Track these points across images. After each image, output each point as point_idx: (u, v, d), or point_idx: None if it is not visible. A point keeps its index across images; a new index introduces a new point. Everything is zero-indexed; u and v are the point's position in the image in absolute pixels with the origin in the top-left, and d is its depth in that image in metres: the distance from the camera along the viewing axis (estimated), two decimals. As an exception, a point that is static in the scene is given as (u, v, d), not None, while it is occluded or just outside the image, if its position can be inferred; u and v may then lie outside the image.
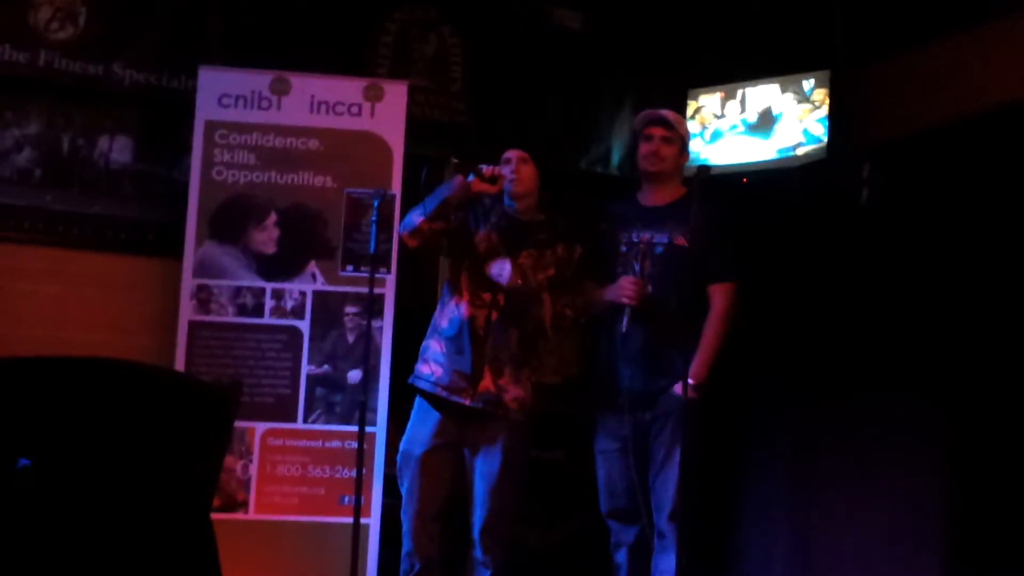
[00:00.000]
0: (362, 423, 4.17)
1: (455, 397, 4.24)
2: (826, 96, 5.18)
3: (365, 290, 4.35)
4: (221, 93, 4.85)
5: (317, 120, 4.89)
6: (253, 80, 4.88)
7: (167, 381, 3.26)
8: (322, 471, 4.70)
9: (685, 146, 4.55)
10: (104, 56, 4.98)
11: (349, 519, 4.22)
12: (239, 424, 4.57)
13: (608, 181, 5.86)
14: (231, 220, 4.79)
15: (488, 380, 4.24)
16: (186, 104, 4.89)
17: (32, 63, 4.86)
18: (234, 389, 3.24)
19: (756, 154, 5.41)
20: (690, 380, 4.18)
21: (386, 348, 4.75)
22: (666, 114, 4.51)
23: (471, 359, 4.25)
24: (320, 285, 4.80)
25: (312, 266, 4.81)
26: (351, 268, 4.77)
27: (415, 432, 4.34)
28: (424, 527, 4.31)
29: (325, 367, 4.76)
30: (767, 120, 5.39)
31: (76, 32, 4.95)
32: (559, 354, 4.54)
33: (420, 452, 4.28)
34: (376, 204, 4.19)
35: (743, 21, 5.68)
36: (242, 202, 4.81)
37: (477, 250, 4.35)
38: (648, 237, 4.42)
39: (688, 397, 4.17)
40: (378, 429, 4.70)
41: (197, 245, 4.74)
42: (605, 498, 4.49)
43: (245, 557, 4.41)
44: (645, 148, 4.49)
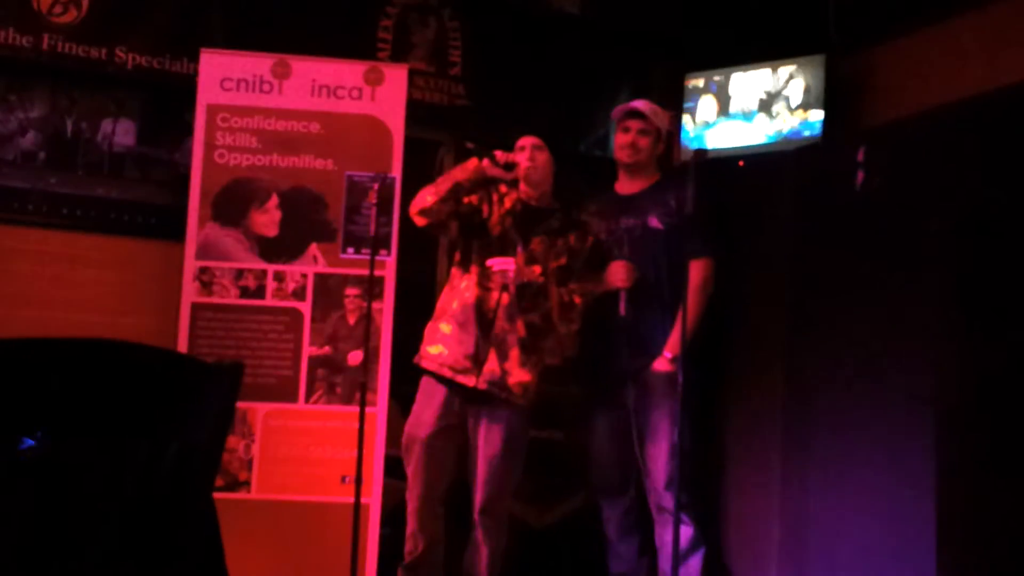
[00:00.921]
0: (363, 404, 4.21)
1: (460, 378, 4.29)
2: (822, 80, 5.20)
3: (366, 272, 4.38)
4: (223, 77, 4.86)
5: (318, 103, 4.91)
6: (255, 64, 4.90)
7: (170, 362, 3.29)
8: (323, 451, 4.74)
9: (661, 136, 4.69)
10: (107, 40, 5.01)
11: (350, 499, 4.25)
12: (241, 405, 4.61)
13: (606, 164, 5.87)
14: (233, 203, 4.82)
15: (494, 362, 4.28)
16: (188, 87, 4.92)
17: (36, 47, 4.89)
18: (236, 370, 3.27)
19: (752, 138, 5.44)
20: (666, 353, 4.40)
21: (386, 329, 4.78)
22: (643, 107, 4.63)
23: (478, 341, 4.29)
24: (321, 267, 4.83)
25: (313, 248, 4.84)
26: (352, 250, 4.80)
27: (420, 414, 4.38)
28: (429, 508, 4.36)
29: (326, 348, 4.80)
30: (763, 104, 5.41)
31: (79, 16, 4.98)
32: (557, 336, 4.56)
33: (425, 434, 4.33)
34: (377, 187, 4.22)
35: (739, 6, 5.70)
36: (244, 185, 4.84)
37: (491, 234, 4.40)
38: (627, 223, 4.58)
39: (664, 370, 4.37)
40: (379, 410, 4.73)
41: (199, 227, 4.76)
42: (595, 474, 4.68)
43: (247, 536, 4.43)
44: (622, 139, 4.66)
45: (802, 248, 4.46)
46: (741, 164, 5.21)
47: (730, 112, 5.49)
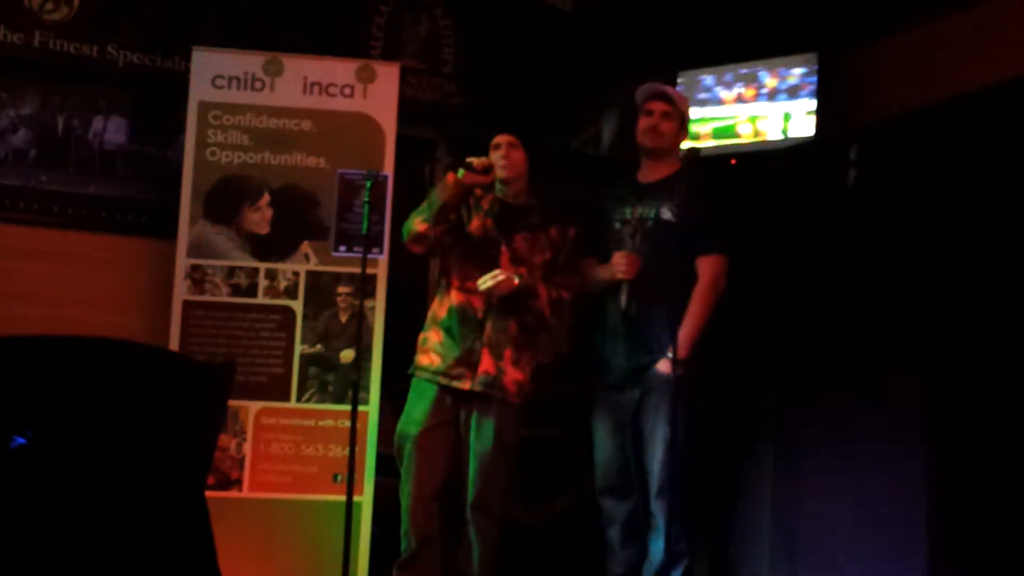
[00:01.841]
0: (355, 402, 4.20)
1: (455, 384, 4.30)
2: (815, 78, 5.20)
3: (358, 270, 4.36)
4: (215, 74, 4.86)
5: (310, 101, 4.90)
6: (247, 61, 4.89)
7: (162, 360, 3.30)
8: (315, 449, 4.73)
9: (685, 123, 4.53)
10: (98, 37, 4.99)
11: (342, 497, 4.22)
12: (233, 403, 4.56)
13: (599, 163, 5.88)
14: (225, 200, 4.81)
15: (488, 362, 4.28)
16: (180, 85, 4.91)
17: (27, 44, 4.87)
18: (228, 368, 3.27)
19: (745, 136, 5.43)
20: (671, 355, 4.23)
21: (379, 328, 4.77)
22: (668, 89, 4.50)
23: (469, 344, 4.30)
24: (313, 265, 4.82)
25: (305, 246, 4.83)
26: (344, 248, 4.78)
27: (411, 412, 4.38)
28: (422, 506, 4.35)
29: (318, 346, 4.79)
30: (756, 101, 5.40)
31: (71, 13, 4.96)
32: (550, 333, 4.56)
33: (416, 432, 4.33)
34: (369, 185, 4.21)
35: (732, 3, 5.69)
36: (236, 183, 4.83)
37: (472, 238, 4.39)
38: (640, 213, 4.42)
39: (671, 373, 4.20)
40: (371, 408, 4.72)
41: (191, 225, 4.76)
42: (599, 475, 4.51)
43: (239, 534, 4.45)
44: (645, 123, 4.48)
45: (794, 245, 4.46)
46: (733, 162, 5.21)
47: (722, 110, 5.48)
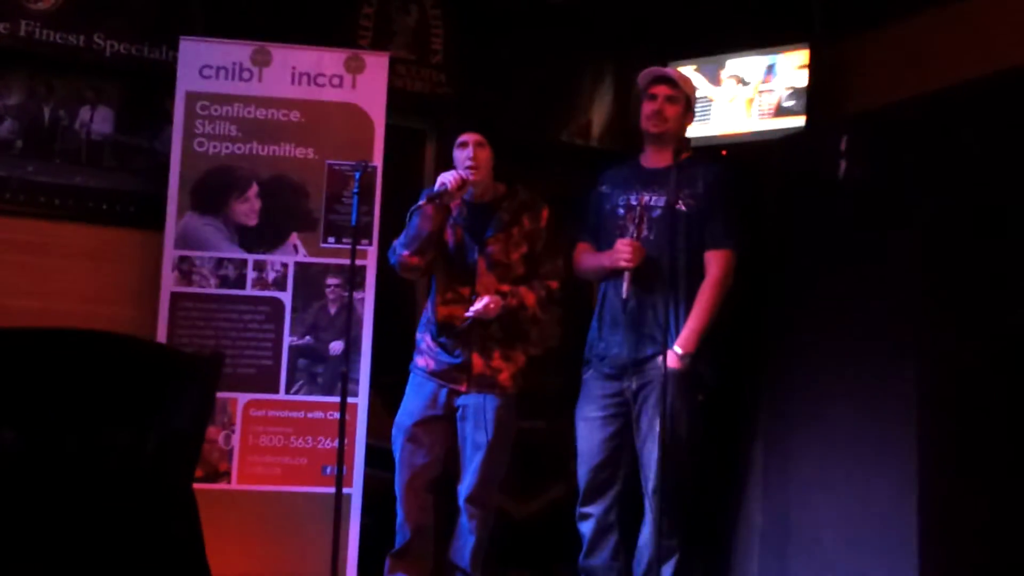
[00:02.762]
0: (344, 394, 4.19)
1: (451, 385, 4.32)
2: (806, 69, 5.19)
3: (347, 262, 4.34)
4: (202, 64, 4.83)
5: (298, 91, 4.87)
6: (234, 51, 4.86)
7: (149, 352, 3.28)
8: (304, 442, 4.72)
9: (691, 106, 4.42)
10: (85, 26, 4.94)
11: (331, 489, 4.23)
12: (221, 395, 4.56)
13: (589, 153, 5.87)
14: (212, 192, 4.78)
15: (480, 365, 4.30)
16: (167, 75, 4.87)
17: (13, 33, 4.83)
18: (216, 360, 3.26)
19: (736, 126, 5.43)
20: (678, 349, 4.21)
21: (368, 319, 4.76)
22: (671, 71, 4.41)
23: (459, 353, 4.31)
24: (302, 257, 4.80)
25: (294, 238, 4.81)
26: (333, 240, 4.78)
27: (408, 404, 4.39)
28: (416, 497, 4.36)
29: (307, 338, 4.77)
30: (747, 92, 5.40)
31: (57, 2, 4.91)
32: (540, 326, 4.55)
33: (411, 423, 4.33)
34: (358, 176, 4.19)
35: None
36: (224, 174, 4.80)
37: (447, 248, 4.38)
38: (646, 200, 4.33)
39: (674, 367, 4.16)
40: (360, 400, 4.71)
41: (178, 216, 4.73)
42: (582, 465, 4.45)
43: (228, 527, 4.44)
44: (648, 107, 4.35)
45: (785, 236, 4.45)
46: (724, 153, 5.20)
47: (712, 100, 5.47)
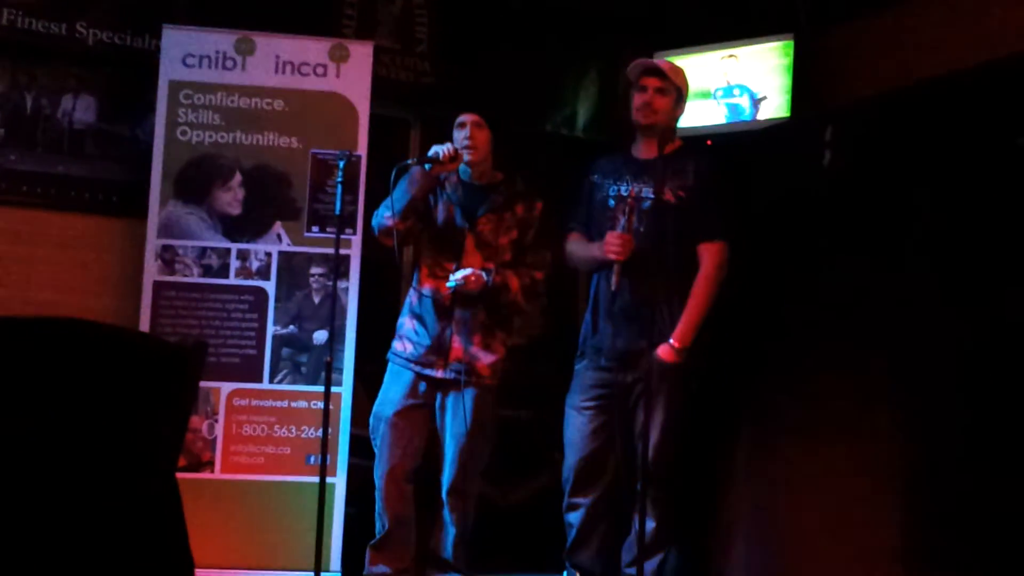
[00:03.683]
0: (328, 383, 4.19)
1: (427, 370, 4.30)
2: (790, 60, 5.19)
3: (331, 251, 4.35)
4: (185, 53, 4.81)
5: (282, 80, 4.86)
6: (218, 40, 4.84)
7: (132, 342, 3.26)
8: (288, 431, 4.71)
9: (681, 97, 4.40)
10: (68, 15, 4.92)
11: (315, 478, 4.23)
12: (205, 384, 4.55)
13: (574, 144, 5.87)
14: (196, 180, 4.77)
15: (459, 350, 4.29)
16: (150, 64, 4.85)
17: (-5, 21, 4.82)
18: (199, 349, 3.24)
19: (721, 117, 5.43)
20: (674, 342, 4.21)
21: (352, 309, 4.75)
22: (660, 63, 4.39)
23: (439, 332, 4.30)
24: (286, 246, 4.79)
25: (277, 227, 4.80)
26: (317, 229, 4.77)
27: (387, 393, 4.39)
28: (396, 487, 4.36)
29: (291, 328, 4.76)
30: (732, 83, 5.40)
31: (39, -9, 4.90)
32: (523, 315, 4.55)
33: (391, 413, 4.33)
34: (342, 165, 4.19)
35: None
36: (207, 162, 4.79)
37: (438, 224, 4.38)
38: (636, 191, 4.32)
39: (669, 360, 4.18)
40: (344, 389, 4.70)
41: (161, 205, 4.72)
42: (571, 455, 4.44)
43: (211, 516, 4.44)
44: (639, 99, 4.35)
45: (769, 225, 4.45)
46: (709, 143, 5.20)
47: (699, 91, 5.46)
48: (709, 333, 4.28)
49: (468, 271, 4.23)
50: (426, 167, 4.24)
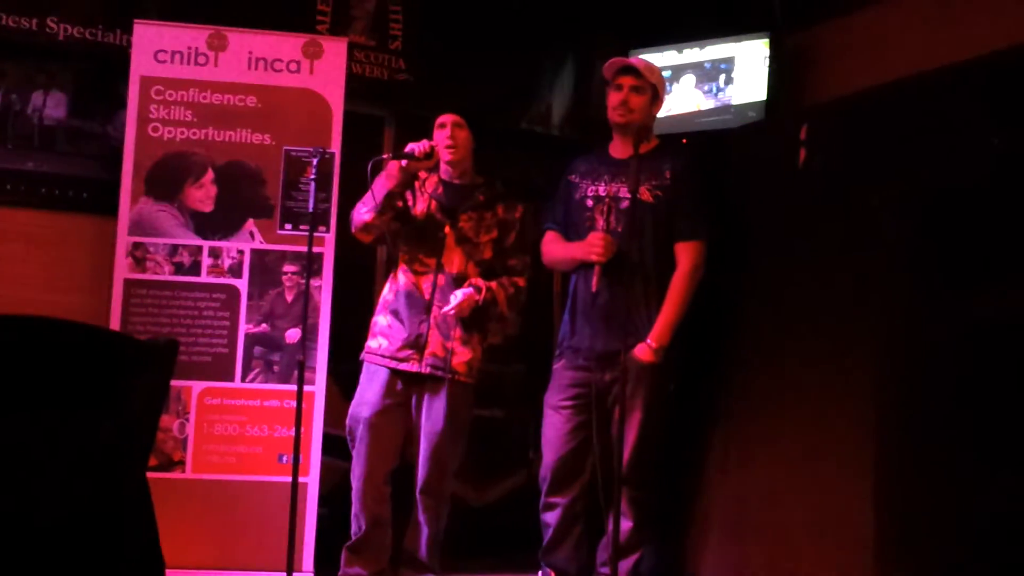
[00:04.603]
0: (300, 382, 4.15)
1: (403, 365, 4.28)
2: (767, 58, 5.19)
3: (304, 249, 4.32)
4: (157, 48, 4.77)
5: (255, 77, 4.83)
6: (190, 35, 4.80)
7: (102, 340, 3.23)
8: (260, 430, 4.68)
9: (657, 95, 4.40)
10: (38, 9, 4.86)
11: (287, 478, 4.21)
12: (176, 383, 4.53)
13: (549, 141, 5.85)
14: (167, 177, 4.73)
15: (436, 344, 4.28)
16: (122, 59, 4.81)
17: (-37, 16, 4.77)
18: (170, 348, 3.21)
19: (696, 115, 5.42)
20: (652, 342, 4.20)
21: (325, 307, 4.72)
22: (635, 62, 4.38)
23: (416, 326, 4.29)
24: (258, 243, 4.76)
25: (250, 224, 4.76)
26: (290, 227, 4.73)
27: (364, 395, 4.37)
28: (373, 488, 4.35)
29: (263, 326, 4.73)
30: (708, 81, 5.39)
31: (8, -16, 4.85)
32: (505, 322, 4.53)
33: (369, 414, 4.32)
34: (315, 162, 4.17)
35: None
36: (178, 159, 4.75)
37: (418, 221, 4.37)
38: (614, 190, 4.32)
39: (647, 360, 4.18)
40: (317, 388, 4.68)
41: (132, 202, 4.68)
42: (548, 453, 4.42)
43: (182, 516, 4.41)
44: (614, 98, 4.35)
45: (744, 225, 4.45)
46: (684, 141, 5.19)
47: (674, 89, 5.45)
48: (686, 333, 4.27)
49: (461, 295, 4.23)
50: (401, 163, 4.22)
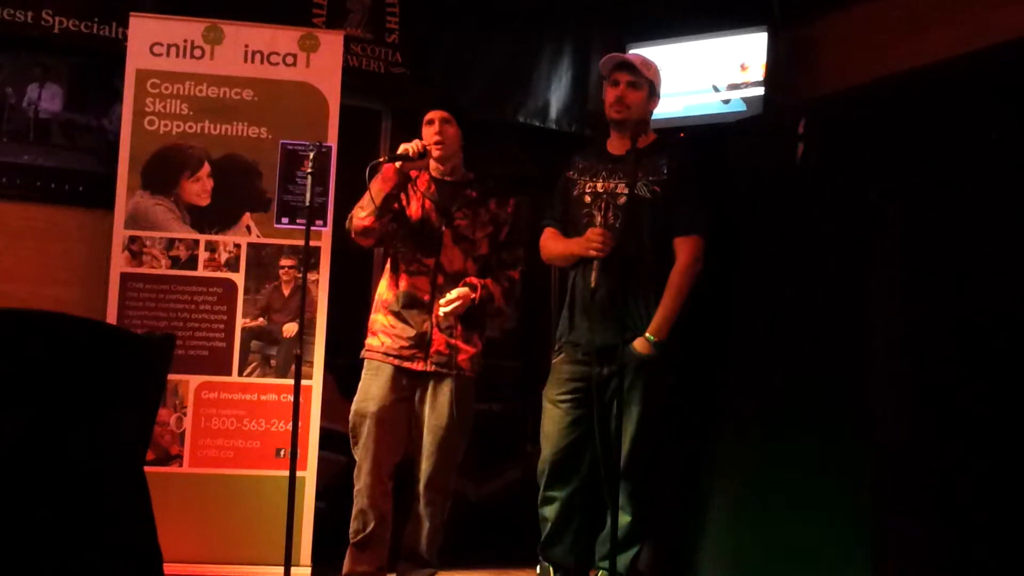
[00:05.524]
0: (298, 376, 4.15)
1: (407, 364, 4.29)
2: (764, 53, 5.19)
3: (301, 243, 4.32)
4: (153, 41, 4.76)
5: (251, 70, 4.82)
6: (186, 28, 4.79)
7: (98, 334, 3.22)
8: (257, 424, 4.68)
9: (654, 90, 4.41)
10: (33, 2, 4.84)
11: (285, 472, 4.21)
12: (173, 377, 4.53)
13: (545, 135, 5.85)
14: (163, 171, 4.72)
15: (440, 342, 4.28)
16: (117, 52, 4.80)
17: (-42, 9, 4.75)
18: (167, 342, 3.21)
19: (693, 110, 5.42)
20: (650, 336, 4.20)
21: (322, 301, 4.72)
22: (632, 58, 4.39)
23: (419, 327, 4.28)
24: (255, 237, 4.75)
25: (247, 218, 4.76)
26: (286, 220, 4.72)
27: (368, 390, 4.35)
28: (379, 483, 4.33)
29: (260, 320, 4.72)
30: (704, 76, 5.38)
31: (4, -22, 4.83)
32: (503, 317, 4.53)
33: (375, 409, 4.30)
34: (312, 156, 4.16)
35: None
36: (175, 153, 4.74)
37: (413, 221, 4.36)
38: (612, 186, 4.33)
39: (645, 354, 4.18)
40: (314, 383, 4.67)
41: (128, 196, 4.67)
42: (547, 447, 4.42)
43: (179, 511, 4.42)
44: (611, 94, 4.36)
45: (741, 219, 4.45)
46: (682, 135, 5.19)
47: (671, 83, 5.44)
48: (685, 326, 4.27)
49: (455, 297, 4.23)
50: (397, 164, 4.22)
